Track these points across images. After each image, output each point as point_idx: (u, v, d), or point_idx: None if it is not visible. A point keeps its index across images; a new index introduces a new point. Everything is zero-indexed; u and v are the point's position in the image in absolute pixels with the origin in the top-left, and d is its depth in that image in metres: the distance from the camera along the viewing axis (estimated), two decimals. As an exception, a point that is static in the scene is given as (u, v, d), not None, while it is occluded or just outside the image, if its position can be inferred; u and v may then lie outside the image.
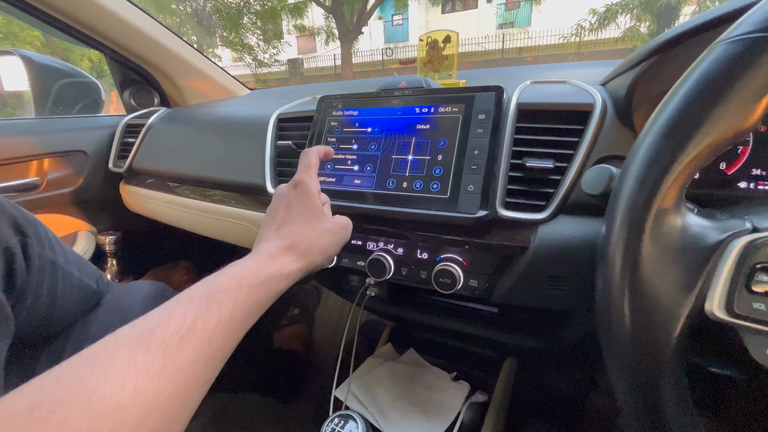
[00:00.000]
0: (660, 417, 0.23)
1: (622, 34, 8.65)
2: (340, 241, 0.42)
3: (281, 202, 0.42)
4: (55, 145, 0.86)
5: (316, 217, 0.40)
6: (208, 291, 0.29)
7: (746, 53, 0.21)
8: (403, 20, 15.33)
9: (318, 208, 0.41)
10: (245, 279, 0.32)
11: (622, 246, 0.23)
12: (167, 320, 0.26)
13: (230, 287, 0.30)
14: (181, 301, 0.28)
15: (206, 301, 0.28)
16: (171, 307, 0.28)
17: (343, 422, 0.41)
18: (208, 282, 0.30)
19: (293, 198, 0.41)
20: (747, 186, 0.43)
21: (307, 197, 0.41)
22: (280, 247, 0.37)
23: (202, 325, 0.27)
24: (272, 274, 0.34)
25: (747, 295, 0.21)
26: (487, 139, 0.45)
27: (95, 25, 0.82)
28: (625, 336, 0.23)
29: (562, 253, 0.42)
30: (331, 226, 0.41)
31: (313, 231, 0.39)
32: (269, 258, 0.35)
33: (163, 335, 0.25)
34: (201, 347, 0.26)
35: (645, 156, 0.23)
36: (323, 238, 0.40)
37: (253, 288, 0.32)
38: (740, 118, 0.22)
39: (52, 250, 0.50)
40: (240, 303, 0.30)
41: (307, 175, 0.42)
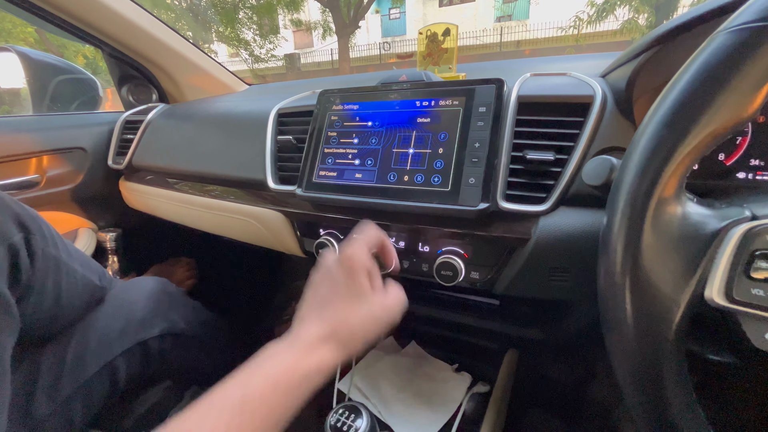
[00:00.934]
0: (662, 402, 0.23)
1: (620, 26, 8.60)
2: (386, 325, 0.38)
3: (326, 277, 0.39)
4: (53, 142, 0.86)
5: (362, 300, 0.37)
6: (242, 396, 0.28)
7: (747, 43, 0.21)
8: (401, 14, 15.22)
9: (364, 289, 0.37)
10: (281, 380, 0.30)
11: (624, 235, 0.24)
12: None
13: (265, 392, 0.29)
14: (214, 410, 0.27)
15: (239, 410, 0.27)
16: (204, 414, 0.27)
17: (348, 413, 0.42)
18: (243, 382, 0.29)
19: (339, 275, 0.38)
20: (745, 176, 0.43)
21: (355, 276, 0.37)
22: (321, 336, 0.34)
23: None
24: (310, 372, 0.32)
25: (746, 281, 0.21)
26: (488, 131, 0.45)
27: (93, 21, 0.82)
28: (626, 323, 0.24)
29: (563, 244, 0.43)
30: (377, 311, 0.37)
31: (357, 317, 0.36)
32: (308, 350, 0.33)
33: None
34: None
35: (646, 146, 0.24)
36: (367, 326, 0.37)
37: (289, 390, 0.30)
38: (741, 107, 0.22)
39: (55, 246, 0.50)
40: (274, 408, 0.29)
41: (357, 249, 0.39)
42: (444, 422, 0.57)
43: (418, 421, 0.57)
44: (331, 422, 0.42)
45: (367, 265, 0.39)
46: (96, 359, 0.54)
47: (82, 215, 0.93)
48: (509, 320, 0.65)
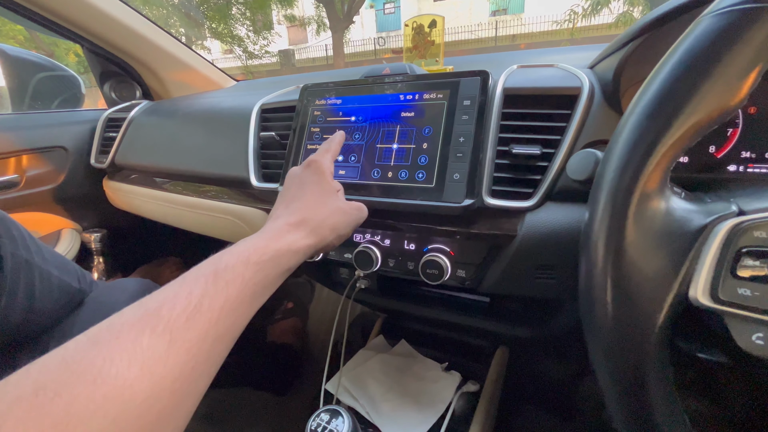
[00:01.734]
0: (643, 405, 0.22)
1: (615, 19, 8.59)
2: (353, 221, 0.42)
3: (293, 180, 0.41)
4: (33, 141, 0.84)
5: (328, 195, 0.40)
6: (214, 269, 0.28)
7: (732, 26, 0.20)
8: (395, 8, 15.12)
9: (330, 186, 0.40)
10: (252, 255, 0.31)
11: (605, 231, 0.23)
12: (173, 300, 0.25)
13: (237, 264, 0.29)
14: (187, 281, 0.27)
15: (213, 279, 0.28)
16: (177, 286, 0.27)
17: (329, 417, 0.41)
18: (215, 260, 0.30)
19: (306, 176, 0.41)
20: (736, 169, 0.42)
21: (320, 176, 0.40)
22: (290, 222, 0.36)
23: (209, 304, 0.26)
24: (281, 250, 0.33)
25: (732, 280, 0.20)
26: (473, 125, 0.44)
27: (71, 16, 0.79)
28: (607, 323, 0.22)
29: (550, 241, 0.42)
30: (344, 206, 0.41)
31: (325, 208, 0.38)
32: (278, 234, 0.34)
33: (168, 315, 0.24)
34: (208, 327, 0.25)
35: (628, 138, 0.22)
36: (335, 217, 0.39)
37: (261, 264, 0.31)
38: (726, 96, 0.21)
39: (26, 248, 0.48)
40: (248, 280, 0.29)
41: (321, 156, 0.42)
42: (433, 422, 0.56)
43: (406, 422, 0.56)
44: (311, 427, 0.40)
45: (331, 170, 0.42)
46: (74, 364, 0.52)
47: (65, 216, 0.91)
48: (499, 318, 0.64)
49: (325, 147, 0.44)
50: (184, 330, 0.24)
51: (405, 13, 14.70)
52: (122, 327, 0.23)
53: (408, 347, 0.72)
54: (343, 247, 0.54)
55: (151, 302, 0.25)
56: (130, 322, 0.23)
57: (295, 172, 0.43)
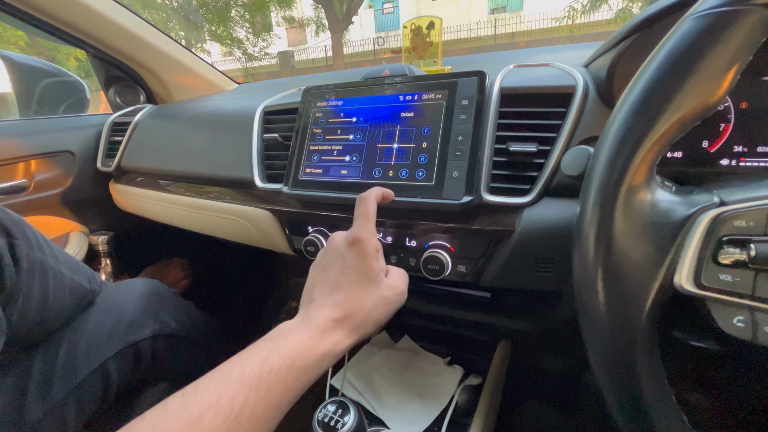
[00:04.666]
0: (634, 387, 0.23)
1: (614, 16, 8.57)
2: (395, 309, 0.39)
3: (336, 259, 0.38)
4: (41, 146, 0.85)
5: (374, 284, 0.37)
6: (259, 372, 0.28)
7: (712, 28, 0.21)
8: (394, 8, 15.13)
9: (376, 273, 0.37)
10: (298, 359, 0.30)
11: (596, 223, 0.24)
12: (216, 405, 0.25)
13: (282, 368, 0.29)
14: (232, 381, 0.27)
15: (257, 385, 0.27)
16: (221, 386, 0.27)
17: (336, 408, 0.42)
18: (261, 358, 0.29)
19: (350, 258, 0.37)
20: (729, 163, 0.43)
21: (365, 260, 0.37)
22: (334, 318, 0.34)
23: (249, 412, 0.26)
24: (325, 354, 0.32)
25: (714, 267, 0.21)
26: (471, 124, 0.45)
27: (76, 23, 0.81)
28: (599, 309, 0.24)
29: (547, 235, 0.43)
30: (388, 294, 0.38)
31: (369, 300, 0.36)
32: (323, 332, 0.33)
33: (210, 424, 0.24)
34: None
35: (615, 134, 0.24)
36: (378, 309, 0.37)
37: (304, 369, 0.31)
38: (708, 93, 0.22)
39: (40, 250, 0.50)
40: (290, 386, 0.29)
41: (367, 232, 0.38)
42: (436, 415, 0.57)
43: (410, 415, 0.58)
44: (318, 418, 0.42)
45: (377, 247, 0.39)
46: (87, 362, 0.54)
47: (73, 219, 0.93)
48: (501, 312, 0.65)
49: (364, 214, 0.40)
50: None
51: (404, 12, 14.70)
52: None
53: (411, 342, 0.73)
54: (346, 244, 0.56)
55: (195, 405, 0.25)
56: (172, 429, 0.24)
57: (338, 246, 0.39)
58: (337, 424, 0.40)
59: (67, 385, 0.52)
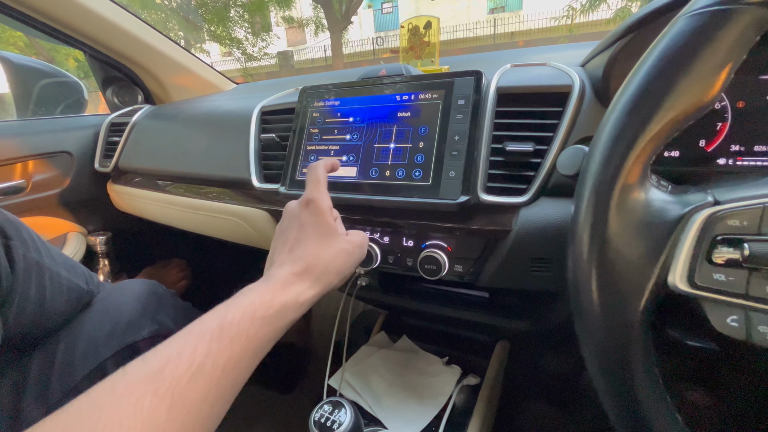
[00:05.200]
0: (628, 387, 0.23)
1: (613, 15, 8.57)
2: (356, 261, 0.41)
3: (293, 221, 0.40)
4: (39, 147, 0.85)
5: (331, 237, 0.38)
6: (220, 324, 0.28)
7: (705, 27, 0.21)
8: (393, 8, 15.13)
9: (332, 227, 0.39)
10: (258, 310, 0.31)
11: (590, 222, 0.24)
12: (177, 359, 0.25)
13: (243, 320, 0.29)
14: (192, 336, 0.27)
15: (218, 335, 0.27)
16: (182, 342, 0.27)
17: (333, 408, 0.42)
18: (220, 314, 0.30)
19: (306, 217, 0.39)
20: (726, 162, 0.43)
21: (320, 216, 0.39)
22: (295, 272, 0.35)
23: (212, 363, 0.26)
24: (287, 304, 0.33)
25: (708, 266, 0.21)
26: (467, 124, 0.45)
27: (73, 23, 0.81)
28: (594, 309, 0.24)
29: (544, 234, 0.43)
30: (346, 246, 0.39)
31: (328, 252, 0.38)
32: (284, 285, 0.34)
33: (171, 376, 0.24)
34: (210, 387, 0.25)
35: (610, 133, 0.24)
36: (339, 259, 0.38)
37: (266, 320, 0.31)
38: (702, 92, 0.22)
39: (36, 251, 0.50)
40: (252, 336, 0.29)
41: (318, 192, 0.40)
42: (434, 415, 0.57)
43: (408, 415, 0.58)
44: (315, 418, 0.42)
45: (330, 206, 0.41)
46: (84, 363, 0.54)
47: (70, 219, 0.93)
48: (499, 312, 0.65)
49: (314, 179, 0.42)
50: (186, 391, 0.24)
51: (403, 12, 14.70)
52: (125, 389, 0.23)
53: (409, 343, 0.73)
54: (343, 245, 0.56)
55: (155, 360, 0.25)
56: (133, 383, 0.24)
57: (293, 211, 0.41)
58: (333, 424, 0.40)
59: (65, 386, 0.52)
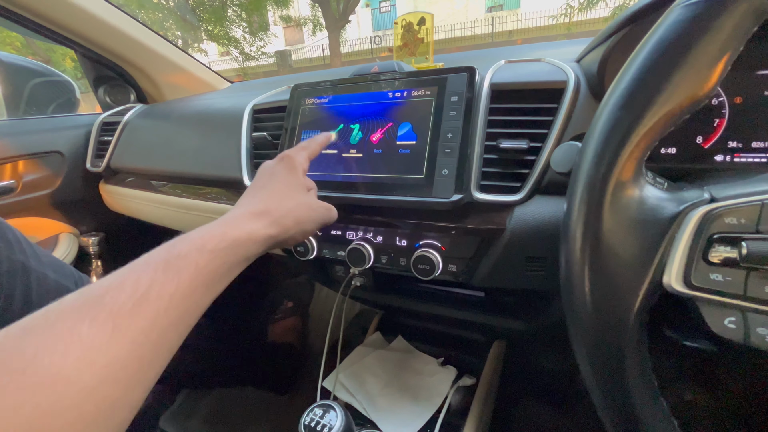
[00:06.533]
0: (622, 388, 0.23)
1: (611, 12, 8.56)
2: (319, 218, 0.40)
3: (263, 174, 0.41)
4: (29, 147, 0.84)
5: (297, 190, 0.39)
6: (166, 257, 0.27)
7: (702, 16, 0.20)
8: (391, 7, 15.10)
9: (300, 181, 0.40)
10: (208, 243, 0.29)
11: (583, 220, 0.23)
12: (118, 287, 0.24)
13: (191, 252, 0.28)
14: (136, 268, 0.26)
15: (163, 267, 0.26)
16: (124, 273, 0.26)
17: (323, 412, 0.41)
18: (168, 247, 0.28)
19: (277, 169, 0.40)
20: (723, 159, 0.42)
21: (291, 170, 0.40)
22: (252, 211, 0.35)
23: (157, 292, 0.25)
24: (239, 239, 0.31)
25: (704, 266, 0.20)
26: (461, 121, 0.44)
27: (62, 21, 0.79)
28: (586, 309, 0.23)
29: (538, 233, 0.42)
30: (311, 202, 0.40)
31: (291, 201, 0.37)
32: (238, 222, 0.33)
33: (112, 303, 0.23)
34: (157, 315, 0.24)
35: (603, 128, 0.23)
36: (300, 210, 0.38)
37: (217, 252, 0.29)
38: (697, 85, 0.21)
39: (22, 252, 0.49)
40: (202, 268, 0.28)
41: (296, 152, 0.41)
42: (429, 416, 0.57)
43: (403, 417, 0.57)
44: (305, 422, 0.41)
45: (305, 167, 0.42)
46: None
47: (62, 220, 0.92)
48: (494, 312, 0.64)
49: (304, 144, 0.44)
50: (129, 318, 0.23)
51: (401, 11, 14.67)
52: (59, 315, 0.22)
53: (405, 343, 0.72)
54: (336, 244, 0.55)
55: (94, 289, 0.24)
56: (68, 309, 0.22)
57: (267, 164, 0.42)
58: (323, 428, 0.40)
59: None
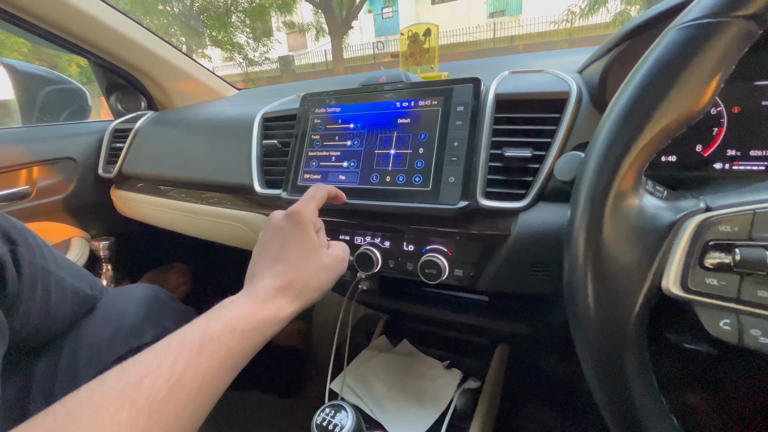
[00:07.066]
0: (623, 388, 0.24)
1: (612, 19, 8.60)
2: (337, 275, 0.41)
3: (276, 233, 0.40)
4: (43, 153, 0.86)
5: (313, 253, 0.39)
6: (200, 337, 0.29)
7: (694, 39, 0.22)
8: (393, 12, 15.21)
9: (314, 242, 0.39)
10: (239, 324, 0.31)
11: (585, 228, 0.24)
12: (156, 370, 0.25)
13: (224, 333, 0.30)
14: (172, 348, 0.28)
15: (198, 349, 0.28)
16: (161, 354, 0.27)
17: (334, 412, 0.43)
18: (202, 326, 0.30)
19: (288, 230, 0.39)
20: (722, 167, 0.44)
21: (303, 230, 0.39)
22: (276, 287, 0.36)
23: (191, 375, 0.26)
24: (267, 319, 0.33)
25: (700, 271, 0.22)
26: (466, 130, 0.46)
27: (77, 32, 0.82)
28: (589, 313, 0.24)
29: (542, 239, 0.43)
30: (328, 261, 0.39)
31: (310, 268, 0.38)
32: (264, 300, 0.34)
33: (150, 387, 0.24)
34: (188, 399, 0.26)
35: (604, 141, 0.24)
36: (320, 275, 0.38)
37: (246, 334, 0.31)
38: (692, 102, 0.22)
39: (42, 257, 0.50)
40: (232, 350, 0.30)
41: (304, 206, 0.40)
42: (435, 419, 0.57)
43: (409, 419, 0.58)
44: (317, 421, 0.42)
45: (314, 220, 0.41)
46: (88, 367, 0.54)
47: (74, 225, 0.94)
48: (498, 316, 0.66)
49: (310, 194, 0.43)
50: (164, 403, 0.24)
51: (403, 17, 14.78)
52: (102, 400, 0.23)
53: (410, 347, 0.73)
54: (344, 249, 0.56)
55: (134, 372, 0.25)
56: (110, 394, 0.24)
57: (276, 222, 0.41)
58: (335, 427, 0.41)
59: (69, 391, 0.52)
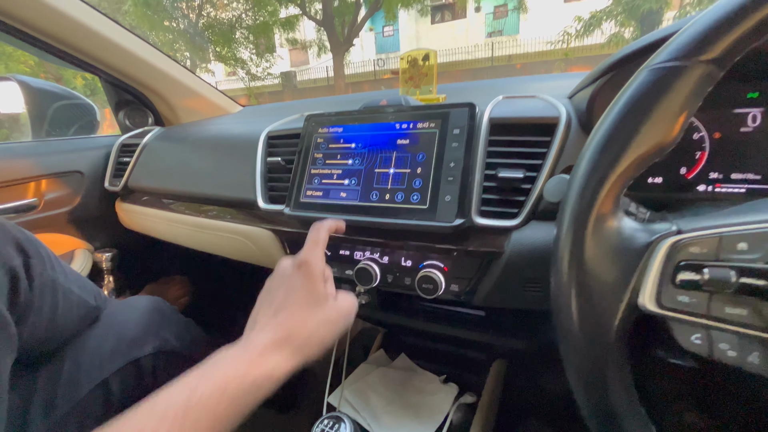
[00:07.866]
0: (605, 397, 0.26)
1: (607, 40, 8.83)
2: (340, 330, 0.39)
3: (283, 281, 0.39)
4: (51, 166, 0.89)
5: (318, 305, 0.37)
6: (186, 403, 0.27)
7: (663, 80, 0.25)
8: (394, 31, 15.59)
9: (321, 293, 0.38)
10: (230, 384, 0.30)
11: (569, 248, 0.27)
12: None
13: (212, 397, 0.28)
14: (155, 414, 0.26)
15: (182, 415, 0.26)
16: (144, 419, 0.26)
17: (332, 423, 0.44)
18: (191, 386, 0.28)
19: (297, 279, 0.38)
20: (705, 189, 0.46)
21: (311, 281, 0.38)
22: (276, 340, 0.34)
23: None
24: (260, 379, 0.31)
25: (673, 289, 0.24)
26: (462, 152, 0.48)
27: (89, 50, 0.85)
28: (573, 326, 0.26)
29: (535, 256, 0.45)
30: (333, 315, 0.38)
31: (313, 321, 0.37)
32: (260, 356, 0.33)
33: None
34: None
35: (585, 169, 0.27)
36: (323, 330, 0.37)
37: (236, 398, 0.30)
38: (662, 134, 0.25)
39: (52, 268, 0.52)
40: (219, 417, 0.28)
41: (313, 255, 0.39)
42: (431, 433, 0.58)
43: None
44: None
45: (323, 269, 0.40)
46: (89, 378, 0.55)
47: (78, 236, 0.95)
48: (495, 331, 0.67)
49: (313, 239, 0.42)
50: None
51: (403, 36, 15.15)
52: None
53: (408, 361, 0.74)
54: (344, 264, 0.58)
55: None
56: None
57: (285, 270, 0.40)
58: (333, 439, 0.42)
59: (70, 401, 0.53)
